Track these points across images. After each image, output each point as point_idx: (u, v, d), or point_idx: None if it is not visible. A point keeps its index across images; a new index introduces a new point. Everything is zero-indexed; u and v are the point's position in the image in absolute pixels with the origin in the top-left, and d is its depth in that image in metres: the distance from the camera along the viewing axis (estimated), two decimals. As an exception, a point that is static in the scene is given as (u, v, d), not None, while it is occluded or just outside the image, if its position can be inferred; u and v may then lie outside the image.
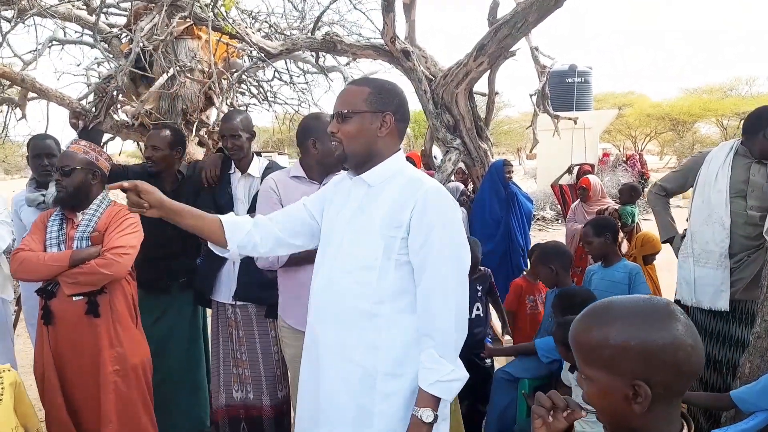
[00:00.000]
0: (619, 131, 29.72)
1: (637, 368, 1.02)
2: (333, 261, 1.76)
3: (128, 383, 2.50)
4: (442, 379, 1.63)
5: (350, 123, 1.71)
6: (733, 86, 29.54)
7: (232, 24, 4.23)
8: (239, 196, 2.92)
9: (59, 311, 2.41)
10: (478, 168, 4.93)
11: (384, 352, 1.68)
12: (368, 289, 1.67)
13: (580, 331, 1.09)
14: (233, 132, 2.84)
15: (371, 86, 1.75)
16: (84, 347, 2.42)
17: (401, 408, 1.69)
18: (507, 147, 32.67)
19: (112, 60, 4.15)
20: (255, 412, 2.88)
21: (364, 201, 1.75)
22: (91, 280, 2.39)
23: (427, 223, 1.63)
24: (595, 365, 1.06)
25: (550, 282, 3.11)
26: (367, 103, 1.71)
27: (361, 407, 1.70)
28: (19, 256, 2.41)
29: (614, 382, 1.04)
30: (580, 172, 6.86)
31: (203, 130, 5.27)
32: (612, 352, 1.03)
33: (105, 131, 4.29)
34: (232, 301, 2.85)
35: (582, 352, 1.09)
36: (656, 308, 1.05)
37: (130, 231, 2.53)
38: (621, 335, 1.03)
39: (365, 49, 4.84)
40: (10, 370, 2.27)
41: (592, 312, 1.10)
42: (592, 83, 15.92)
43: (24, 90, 5.04)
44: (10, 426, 2.19)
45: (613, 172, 14.14)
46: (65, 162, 2.51)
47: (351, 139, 1.72)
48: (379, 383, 1.68)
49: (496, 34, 4.17)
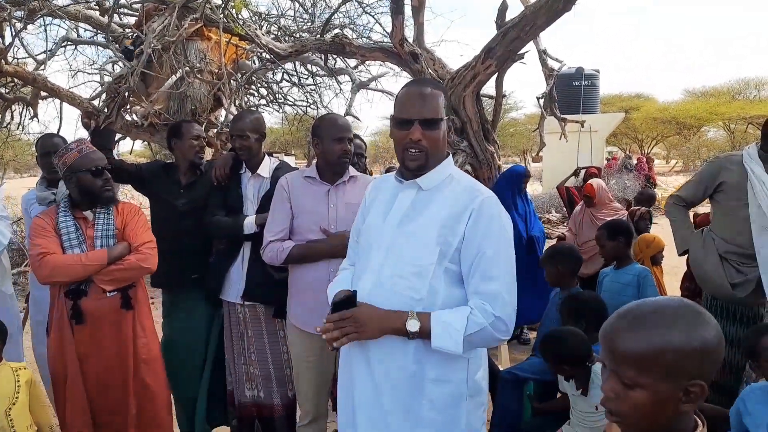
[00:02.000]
0: (626, 135, 29.63)
1: (695, 368, 1.03)
2: (381, 265, 1.72)
3: (154, 371, 2.58)
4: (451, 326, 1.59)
5: (438, 130, 1.69)
6: (741, 90, 29.41)
7: (242, 25, 4.27)
8: (249, 196, 2.94)
9: (92, 309, 2.42)
10: (485, 170, 4.94)
11: (432, 358, 1.67)
12: (419, 294, 1.66)
13: (633, 342, 1.05)
14: (241, 132, 2.87)
15: (443, 91, 1.73)
16: (114, 341, 2.46)
17: (444, 417, 1.68)
18: (513, 149, 32.64)
19: (124, 60, 4.19)
20: (266, 412, 2.90)
21: (416, 205, 1.73)
22: (130, 275, 2.47)
23: (482, 232, 1.64)
24: (653, 372, 1.04)
25: (553, 281, 3.15)
26: (443, 110, 1.71)
27: (408, 412, 1.69)
28: (49, 260, 2.36)
29: (670, 386, 1.04)
30: (587, 175, 6.85)
31: (212, 131, 5.31)
32: (675, 355, 1.03)
33: (116, 131, 4.33)
34: (241, 301, 2.88)
35: (635, 362, 1.05)
36: (695, 307, 1.08)
37: (148, 225, 2.62)
38: (683, 337, 1.03)
39: (374, 52, 4.87)
40: (25, 368, 2.30)
41: (638, 320, 1.07)
42: (599, 86, 15.89)
43: (36, 89, 5.09)
44: (26, 424, 2.22)
45: (619, 176, 14.10)
46: (102, 162, 2.55)
47: (437, 146, 1.69)
48: (427, 389, 1.68)
49: (504, 37, 4.19)
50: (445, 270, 1.66)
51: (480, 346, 1.70)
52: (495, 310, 1.60)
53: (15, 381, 2.23)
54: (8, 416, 2.17)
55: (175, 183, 3.04)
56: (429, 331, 1.61)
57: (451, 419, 1.69)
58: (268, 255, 2.56)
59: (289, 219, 2.57)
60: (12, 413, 2.17)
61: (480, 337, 1.61)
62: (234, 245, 2.94)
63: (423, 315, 1.63)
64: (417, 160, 1.70)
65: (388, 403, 1.71)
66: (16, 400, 2.20)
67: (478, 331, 1.60)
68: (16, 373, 2.24)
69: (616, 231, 3.24)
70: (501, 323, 1.62)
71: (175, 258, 2.84)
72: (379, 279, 1.72)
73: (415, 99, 1.69)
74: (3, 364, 2.27)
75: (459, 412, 1.70)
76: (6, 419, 2.17)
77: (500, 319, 1.61)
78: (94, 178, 2.48)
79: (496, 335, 1.62)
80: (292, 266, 2.60)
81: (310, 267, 2.53)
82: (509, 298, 1.63)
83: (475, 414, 1.74)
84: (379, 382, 1.72)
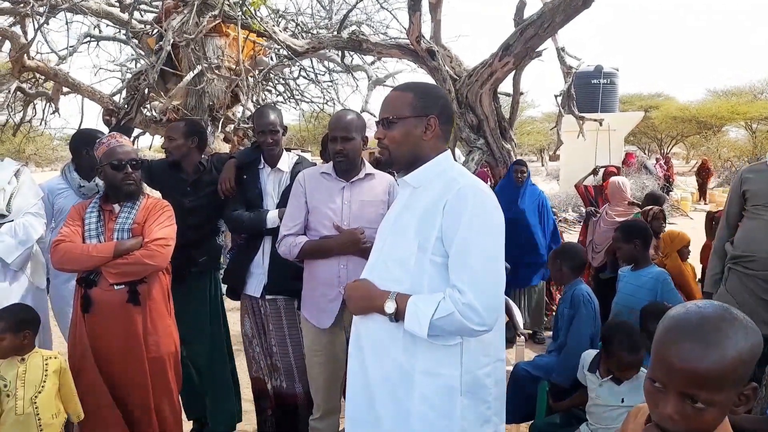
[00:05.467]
0: (645, 134, 29.29)
1: (749, 372, 1.03)
2: (377, 258, 1.81)
3: (162, 370, 2.57)
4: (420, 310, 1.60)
5: (395, 129, 1.76)
6: (764, 89, 28.88)
7: (260, 22, 4.30)
8: (269, 190, 2.96)
9: (99, 300, 2.46)
10: (501, 168, 4.93)
11: (421, 350, 1.68)
12: (403, 286, 1.69)
13: (702, 361, 1.00)
14: (273, 127, 2.89)
15: (414, 91, 1.78)
16: (121, 335, 2.48)
17: (436, 412, 1.68)
18: (530, 148, 32.43)
19: (143, 57, 4.24)
20: (290, 401, 2.95)
21: (409, 201, 1.80)
22: (136, 270, 2.47)
23: (456, 221, 1.64)
24: (725, 387, 1.01)
25: (555, 278, 3.23)
26: (411, 108, 1.75)
27: (399, 406, 1.71)
28: (61, 247, 2.43)
29: (734, 396, 1.02)
30: (606, 174, 6.79)
31: (229, 126, 5.36)
32: (745, 366, 1.01)
33: (135, 127, 4.39)
34: (262, 295, 2.91)
35: (709, 381, 1.00)
36: (731, 309, 1.06)
37: (169, 223, 2.59)
38: (746, 345, 1.01)
39: (390, 49, 4.88)
40: (56, 357, 2.34)
41: (703, 336, 1.02)
42: (618, 84, 15.73)
43: (57, 84, 5.18)
44: (51, 412, 2.25)
45: (638, 176, 13.95)
46: (133, 155, 2.58)
47: (396, 145, 1.77)
48: (417, 382, 1.68)
49: (522, 34, 4.17)
50: (431, 262, 1.67)
51: (452, 334, 1.64)
52: (463, 297, 1.59)
53: (43, 369, 2.27)
54: (34, 404, 2.21)
55: (181, 180, 3.07)
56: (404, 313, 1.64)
57: (443, 415, 1.68)
58: (282, 249, 2.59)
59: (304, 214, 2.59)
60: (38, 401, 2.21)
61: (448, 323, 1.59)
62: (254, 240, 2.96)
63: (402, 297, 1.66)
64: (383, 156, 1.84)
65: (380, 395, 1.73)
66: (42, 388, 2.23)
67: (445, 317, 1.58)
68: (45, 362, 2.28)
69: (632, 233, 3.21)
70: (470, 311, 1.57)
71: (181, 253, 2.87)
72: (372, 272, 1.81)
73: (383, 101, 1.82)
74: (35, 352, 2.31)
75: (453, 408, 1.68)
76: (32, 406, 2.21)
77: (469, 307, 1.57)
78: (115, 172, 2.51)
79: (466, 323, 1.58)
80: (306, 261, 2.61)
81: (321, 263, 2.54)
82: (483, 286, 1.60)
83: (474, 411, 1.71)
84: (372, 374, 1.75)
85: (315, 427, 2.70)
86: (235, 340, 3.33)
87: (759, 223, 2.99)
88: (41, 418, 2.22)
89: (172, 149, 3.07)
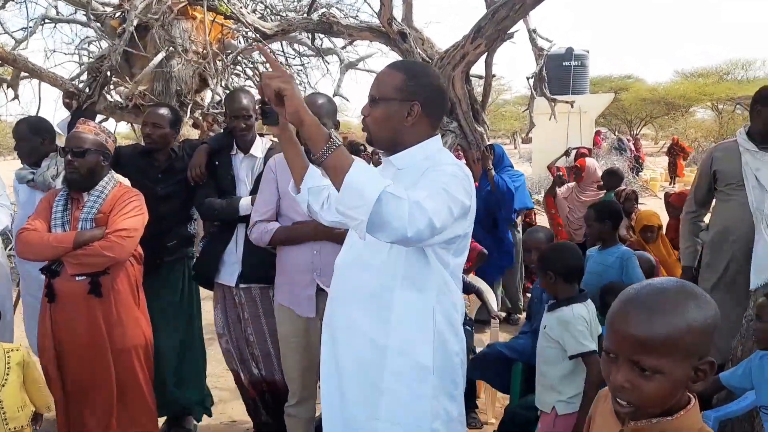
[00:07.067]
0: (615, 115, 29.68)
1: (705, 346, 1.03)
2: (356, 239, 1.76)
3: (129, 363, 2.53)
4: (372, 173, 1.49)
5: (378, 109, 1.71)
6: (729, 70, 29.45)
7: (227, 4, 4.19)
8: (242, 177, 2.89)
9: (62, 290, 2.42)
10: (474, 151, 4.93)
11: (393, 327, 1.68)
12: (376, 259, 1.70)
13: (654, 327, 1.02)
14: (246, 112, 2.81)
15: (406, 73, 1.72)
16: (85, 326, 2.44)
17: (408, 390, 1.69)
18: (503, 132, 32.59)
19: (105, 39, 4.10)
20: (271, 387, 2.92)
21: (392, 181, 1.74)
22: (94, 261, 2.41)
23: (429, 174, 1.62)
24: (673, 356, 1.02)
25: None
26: (397, 91, 1.69)
27: (372, 385, 1.71)
28: (24, 236, 2.41)
29: (686, 368, 1.03)
30: (578, 155, 6.87)
31: (198, 111, 5.24)
32: (693, 336, 1.02)
33: (98, 112, 4.26)
34: (236, 283, 2.86)
35: (657, 348, 1.02)
36: (691, 285, 1.08)
37: (135, 213, 2.53)
38: (698, 316, 1.02)
39: (362, 31, 4.81)
40: (18, 349, 2.28)
41: (652, 305, 1.04)
42: (588, 67, 15.86)
43: (17, 69, 4.99)
44: (17, 405, 2.20)
45: (608, 157, 14.14)
46: (77, 143, 2.49)
47: (376, 125, 1.73)
48: (389, 359, 1.69)
49: (494, 16, 4.15)
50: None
51: (390, 223, 1.45)
52: (415, 197, 1.47)
53: (5, 362, 2.21)
54: None
55: (152, 167, 2.99)
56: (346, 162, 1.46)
57: (415, 393, 1.68)
58: (254, 235, 2.55)
59: (275, 200, 2.55)
60: (2, 394, 2.17)
61: (396, 206, 1.43)
62: (227, 228, 2.90)
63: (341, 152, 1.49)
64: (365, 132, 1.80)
65: (351, 376, 1.74)
66: (5, 381, 2.19)
67: (397, 197, 1.43)
68: (7, 355, 2.23)
69: (605, 213, 3.24)
70: (418, 210, 1.45)
71: (152, 241, 2.80)
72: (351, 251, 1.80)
73: (376, 75, 1.78)
74: None
75: (425, 386, 1.68)
76: None
77: (419, 206, 1.46)
78: (65, 158, 2.49)
79: (408, 217, 1.43)
80: (279, 248, 2.58)
81: (294, 248, 2.51)
82: (435, 202, 1.50)
83: (443, 390, 1.72)
84: (343, 354, 1.76)
85: (291, 413, 2.68)
86: (208, 330, 3.28)
87: (731, 204, 3.03)
88: (6, 411, 2.18)
89: (156, 137, 2.95)
